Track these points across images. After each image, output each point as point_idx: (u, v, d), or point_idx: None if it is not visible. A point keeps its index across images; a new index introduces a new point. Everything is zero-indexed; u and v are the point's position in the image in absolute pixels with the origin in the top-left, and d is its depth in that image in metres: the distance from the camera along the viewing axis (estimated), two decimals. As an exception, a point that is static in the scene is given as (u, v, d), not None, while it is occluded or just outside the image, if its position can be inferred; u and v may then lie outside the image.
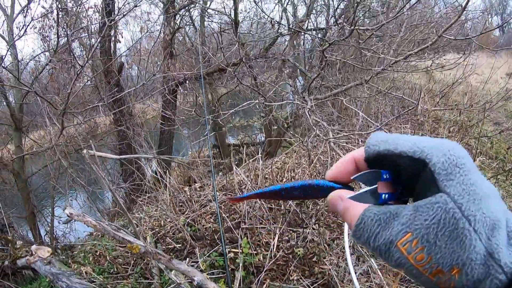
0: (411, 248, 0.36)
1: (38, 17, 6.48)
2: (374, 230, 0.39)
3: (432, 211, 0.35)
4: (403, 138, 0.41)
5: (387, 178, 0.43)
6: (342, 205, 0.44)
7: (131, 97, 7.06)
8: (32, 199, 6.43)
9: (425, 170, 0.38)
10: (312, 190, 0.49)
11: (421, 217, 0.36)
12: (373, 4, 6.65)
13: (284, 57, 4.91)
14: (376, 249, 0.38)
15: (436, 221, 0.35)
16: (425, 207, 0.36)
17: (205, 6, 6.58)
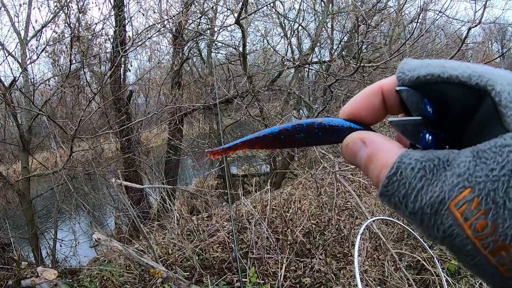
0: (469, 211, 0.26)
1: (51, 43, 6.69)
2: (416, 184, 0.28)
3: (501, 157, 0.25)
4: (450, 62, 0.31)
5: (430, 113, 0.32)
6: (367, 151, 0.32)
7: (139, 126, 7.19)
8: (35, 221, 6.45)
9: (484, 103, 0.28)
10: (322, 131, 0.36)
11: (485, 166, 0.26)
12: (376, 35, 6.87)
13: (290, 90, 5.04)
14: (417, 213, 0.28)
15: (508, 172, 0.25)
16: (491, 151, 0.26)
17: (213, 39, 6.81)
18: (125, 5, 6.70)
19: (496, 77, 0.28)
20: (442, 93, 0.30)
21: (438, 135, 0.32)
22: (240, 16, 4.22)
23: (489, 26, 11.62)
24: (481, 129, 0.29)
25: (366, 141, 0.32)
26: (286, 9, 7.59)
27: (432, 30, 6.87)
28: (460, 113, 0.30)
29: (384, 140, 0.31)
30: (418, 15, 6.14)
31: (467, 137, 0.31)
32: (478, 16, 3.06)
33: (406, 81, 0.31)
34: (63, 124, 5.60)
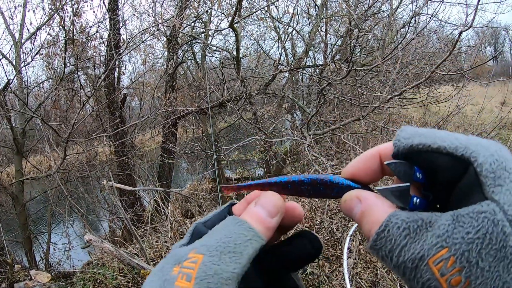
0: (445, 268, 0.29)
1: (46, 45, 6.67)
2: (401, 241, 0.31)
3: (477, 222, 0.28)
4: (440, 132, 0.35)
5: (420, 178, 0.35)
6: (361, 208, 0.36)
7: (133, 129, 7.17)
8: (29, 224, 6.41)
9: (468, 172, 0.31)
10: (324, 187, 0.41)
11: (462, 229, 0.29)
12: (369, 39, 6.92)
13: (284, 93, 5.08)
14: (400, 266, 0.31)
15: (481, 236, 0.28)
16: (468, 216, 0.29)
17: (207, 42, 6.83)
18: (120, 8, 6.72)
19: (479, 149, 0.31)
20: (432, 161, 0.34)
21: (427, 197, 0.36)
22: (234, 20, 4.24)
23: (482, 30, 11.73)
24: (464, 194, 0.32)
25: (361, 199, 0.36)
26: (280, 13, 7.64)
27: (425, 34, 6.93)
28: (447, 178, 0.33)
29: (377, 200, 0.36)
30: (410, 19, 6.20)
31: (452, 200, 0.34)
32: (469, 20, 3.10)
33: (401, 148, 0.36)
34: (57, 127, 5.59)
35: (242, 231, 0.37)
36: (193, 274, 0.33)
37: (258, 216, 0.39)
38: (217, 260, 0.34)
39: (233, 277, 0.33)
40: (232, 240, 0.36)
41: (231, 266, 0.34)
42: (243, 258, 0.35)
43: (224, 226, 0.39)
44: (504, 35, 36.14)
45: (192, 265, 0.33)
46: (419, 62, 5.95)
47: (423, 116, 9.31)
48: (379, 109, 4.46)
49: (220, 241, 0.36)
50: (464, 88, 6.50)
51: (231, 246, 0.35)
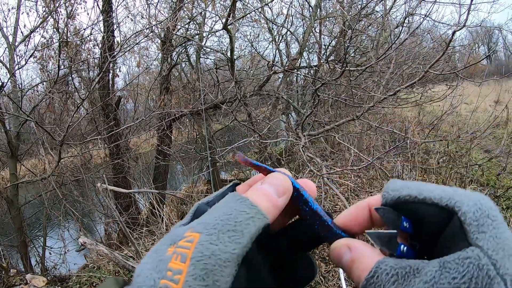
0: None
1: (40, 48, 6.64)
2: (389, 287, 0.32)
3: (463, 267, 0.29)
4: (427, 185, 0.36)
5: (407, 227, 0.36)
6: (351, 255, 0.37)
7: (127, 132, 7.15)
8: (24, 228, 6.37)
9: (452, 221, 0.33)
10: (320, 224, 0.41)
11: (448, 274, 0.30)
12: (363, 39, 6.95)
13: (278, 94, 5.09)
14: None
15: (467, 280, 0.29)
16: (454, 262, 0.30)
17: (201, 44, 6.83)
18: (113, 10, 6.70)
19: (463, 198, 0.32)
20: (418, 211, 0.35)
21: (414, 246, 0.36)
22: (228, 21, 4.25)
23: (475, 29, 11.80)
24: (449, 242, 0.33)
25: (351, 247, 0.37)
26: (275, 14, 7.66)
27: (419, 34, 6.97)
28: (433, 228, 0.34)
29: (366, 248, 0.37)
30: (404, 19, 6.23)
31: (438, 249, 0.34)
32: (463, 20, 3.11)
33: (389, 199, 0.37)
34: (51, 130, 5.56)
35: (244, 208, 0.35)
36: (189, 254, 0.31)
37: (264, 193, 0.37)
38: (215, 239, 0.31)
39: (232, 258, 0.31)
40: (232, 217, 0.33)
41: (230, 246, 0.31)
42: (244, 237, 0.32)
43: (224, 203, 0.37)
44: (497, 35, 36.46)
45: (188, 244, 0.31)
46: (413, 62, 5.99)
47: (417, 116, 9.37)
48: (373, 109, 4.48)
49: (219, 219, 0.33)
50: (458, 87, 6.55)
51: (230, 224, 0.33)
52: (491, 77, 6.87)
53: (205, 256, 0.30)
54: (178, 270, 0.30)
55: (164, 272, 0.30)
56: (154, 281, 0.29)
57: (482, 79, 4.98)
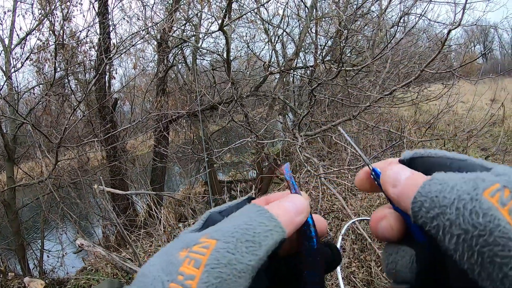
0: (503, 198, 0.27)
1: (36, 51, 6.62)
2: (451, 182, 0.30)
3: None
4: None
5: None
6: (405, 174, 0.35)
7: (125, 133, 7.14)
8: (22, 231, 6.35)
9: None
10: (309, 261, 0.38)
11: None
12: (359, 39, 6.97)
13: (275, 95, 5.10)
14: (452, 203, 0.29)
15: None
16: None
17: (197, 45, 6.83)
18: (109, 12, 6.69)
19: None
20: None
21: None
22: (224, 22, 4.25)
23: (471, 28, 11.87)
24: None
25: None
26: (270, 15, 7.67)
27: (415, 33, 7.00)
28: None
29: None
30: (399, 19, 6.25)
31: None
32: (458, 19, 3.12)
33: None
34: (48, 132, 5.55)
35: (264, 220, 0.33)
36: (203, 260, 0.29)
37: (285, 208, 0.36)
38: (232, 248, 0.30)
39: (247, 270, 0.29)
40: (252, 228, 0.32)
41: (247, 257, 0.30)
42: (261, 249, 0.31)
43: (244, 212, 0.35)
44: (493, 33, 36.65)
45: (203, 250, 0.30)
46: (409, 61, 6.01)
47: (414, 115, 9.40)
48: (370, 108, 4.50)
49: (238, 228, 0.32)
50: (454, 86, 6.57)
51: (249, 234, 0.31)
52: (487, 75, 6.90)
53: (221, 264, 0.29)
54: (190, 276, 0.28)
55: (175, 276, 0.28)
56: (162, 284, 0.28)
57: (478, 77, 5.00)
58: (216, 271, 0.28)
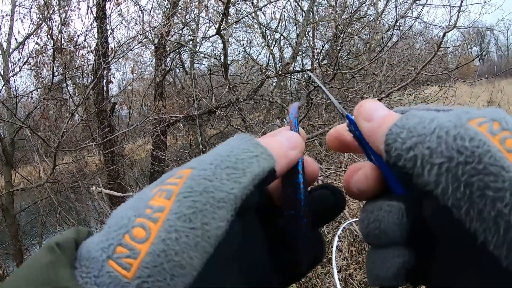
0: (493, 128, 0.24)
1: (34, 55, 6.64)
2: (430, 114, 0.27)
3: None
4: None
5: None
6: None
7: (122, 138, 7.14)
8: (20, 236, 6.33)
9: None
10: (293, 213, 0.32)
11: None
12: (356, 42, 7.01)
13: (272, 98, 5.14)
14: (434, 130, 0.25)
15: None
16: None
17: (194, 50, 6.86)
18: (107, 17, 6.71)
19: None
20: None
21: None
22: (221, 27, 4.28)
23: (467, 30, 11.93)
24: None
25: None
26: (268, 19, 7.71)
27: (411, 36, 7.04)
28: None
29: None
30: (395, 22, 6.30)
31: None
32: (453, 21, 3.15)
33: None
34: (46, 137, 5.55)
35: (249, 146, 0.29)
36: (175, 190, 0.25)
37: (275, 140, 0.32)
38: (209, 175, 0.26)
39: (228, 199, 0.25)
40: (234, 154, 0.27)
41: (227, 185, 0.26)
42: (245, 177, 0.26)
43: (227, 142, 0.31)
44: (489, 35, 36.87)
45: (177, 180, 0.26)
46: (405, 64, 6.04)
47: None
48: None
49: (218, 155, 0.28)
50: (451, 88, 6.61)
51: (231, 160, 0.27)
52: (483, 77, 6.94)
53: (195, 192, 0.25)
54: (159, 207, 0.25)
55: (143, 210, 0.25)
56: (128, 219, 0.25)
57: (474, 79, 5.04)
58: (189, 200, 0.24)
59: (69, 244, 0.25)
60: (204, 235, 0.24)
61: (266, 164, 0.28)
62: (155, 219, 0.24)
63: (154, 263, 0.22)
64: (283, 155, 0.30)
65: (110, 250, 0.23)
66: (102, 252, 0.23)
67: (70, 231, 0.27)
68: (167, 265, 0.22)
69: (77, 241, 0.26)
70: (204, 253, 0.24)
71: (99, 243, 0.24)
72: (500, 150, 0.22)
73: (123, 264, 0.23)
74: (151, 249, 0.23)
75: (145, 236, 0.23)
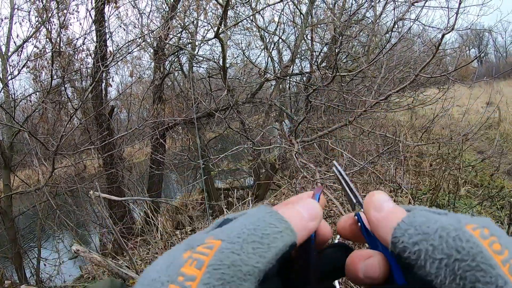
0: (484, 233, 0.29)
1: (32, 58, 6.63)
2: (432, 216, 0.32)
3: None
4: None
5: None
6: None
7: (121, 141, 7.13)
8: (18, 239, 6.32)
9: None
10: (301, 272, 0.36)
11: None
12: (354, 45, 7.02)
13: (271, 101, 5.14)
14: (436, 230, 0.29)
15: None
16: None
17: (193, 53, 6.86)
18: (106, 20, 6.71)
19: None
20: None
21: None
22: (219, 30, 4.29)
23: (466, 32, 11.96)
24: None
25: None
26: (266, 22, 7.71)
27: (409, 38, 7.05)
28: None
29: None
30: (394, 24, 6.30)
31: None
32: (451, 23, 3.16)
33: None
34: (45, 140, 5.54)
35: (274, 221, 0.31)
36: (206, 261, 0.27)
37: (296, 212, 0.34)
38: (237, 249, 0.28)
39: (253, 272, 0.27)
40: (260, 229, 0.30)
41: (253, 259, 0.28)
42: (269, 252, 0.29)
43: (252, 214, 0.33)
44: (487, 37, 36.99)
45: (207, 251, 0.28)
46: (404, 66, 6.05)
47: (410, 120, 9.45)
48: (365, 114, 4.53)
49: (245, 228, 0.30)
50: (450, 90, 6.62)
51: (257, 235, 0.29)
52: (482, 79, 6.95)
53: (224, 265, 0.27)
54: (191, 277, 0.26)
55: (175, 277, 0.27)
56: (162, 284, 0.26)
57: (473, 81, 5.05)
58: (218, 272, 0.26)
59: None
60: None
61: (289, 240, 0.31)
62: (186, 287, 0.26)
63: None
64: (303, 228, 0.34)
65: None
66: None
67: (103, 283, 0.30)
68: None
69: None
70: None
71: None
72: (488, 251, 0.28)
73: None
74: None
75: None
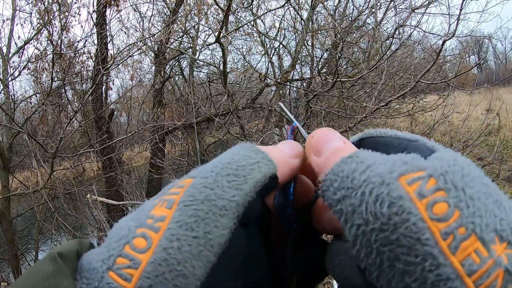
0: (423, 188, 0.22)
1: (33, 60, 6.65)
2: (368, 160, 0.25)
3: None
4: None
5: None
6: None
7: (121, 145, 7.12)
8: (16, 241, 6.29)
9: None
10: (279, 224, 0.32)
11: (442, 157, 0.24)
12: (355, 51, 7.03)
13: (271, 107, 5.15)
14: (361, 185, 0.23)
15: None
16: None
17: (194, 57, 6.87)
18: (107, 23, 6.74)
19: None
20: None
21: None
22: (220, 34, 4.29)
23: (466, 39, 12.01)
24: None
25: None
26: (267, 28, 7.74)
27: (409, 44, 7.07)
28: None
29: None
30: (394, 31, 6.32)
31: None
32: (452, 30, 3.17)
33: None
34: (44, 142, 5.53)
35: (249, 153, 0.28)
36: (176, 199, 0.25)
37: (279, 148, 0.31)
38: (210, 183, 0.25)
39: (230, 207, 0.25)
40: (234, 161, 0.27)
41: (229, 193, 0.25)
42: (246, 184, 0.26)
43: (227, 151, 0.30)
44: (487, 44, 37.11)
45: (178, 190, 0.26)
46: (404, 72, 6.06)
47: (410, 126, 9.44)
48: (366, 120, 4.52)
49: (218, 163, 0.27)
50: (450, 96, 6.62)
51: (231, 168, 0.27)
52: (482, 85, 6.96)
53: (197, 200, 0.24)
54: (160, 217, 0.24)
55: (144, 220, 0.25)
56: (129, 230, 0.24)
57: (473, 88, 5.05)
58: (191, 208, 0.24)
59: (71, 255, 0.25)
60: (207, 244, 0.23)
61: (268, 170, 0.28)
62: (156, 229, 0.24)
63: (156, 273, 0.22)
64: (284, 162, 0.30)
65: (110, 261, 0.23)
66: (102, 263, 0.23)
67: (72, 242, 0.27)
68: (169, 275, 0.22)
69: (79, 252, 0.26)
70: (207, 263, 0.23)
71: (99, 254, 0.24)
72: (422, 219, 0.21)
73: (123, 275, 0.22)
74: (153, 259, 0.22)
75: (146, 245, 0.23)
